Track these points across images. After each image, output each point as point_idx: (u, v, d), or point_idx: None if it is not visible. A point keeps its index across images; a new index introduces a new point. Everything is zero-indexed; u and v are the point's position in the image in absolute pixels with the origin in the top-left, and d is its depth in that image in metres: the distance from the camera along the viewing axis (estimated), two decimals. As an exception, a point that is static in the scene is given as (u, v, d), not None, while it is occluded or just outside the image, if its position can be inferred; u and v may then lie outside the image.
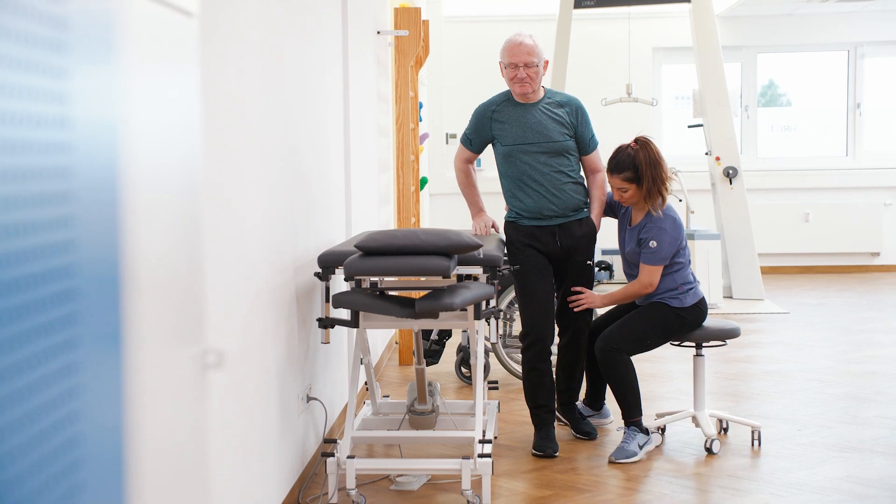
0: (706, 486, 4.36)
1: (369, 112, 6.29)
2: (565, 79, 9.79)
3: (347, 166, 5.44)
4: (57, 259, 1.25)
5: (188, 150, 1.74)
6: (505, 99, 4.88)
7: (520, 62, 4.72)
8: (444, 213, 11.02)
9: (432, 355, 6.18)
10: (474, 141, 4.96)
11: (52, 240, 1.25)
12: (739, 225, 9.33)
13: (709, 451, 4.73)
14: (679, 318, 4.79)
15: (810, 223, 11.23)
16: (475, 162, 5.11)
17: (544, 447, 4.76)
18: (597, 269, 10.17)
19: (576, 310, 4.88)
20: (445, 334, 6.25)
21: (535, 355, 4.83)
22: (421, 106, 8.23)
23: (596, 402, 5.21)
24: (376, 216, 6.54)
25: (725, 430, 5.10)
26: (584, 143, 4.89)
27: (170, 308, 1.67)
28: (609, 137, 5.56)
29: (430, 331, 6.17)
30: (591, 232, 4.92)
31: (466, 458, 3.98)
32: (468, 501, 4.00)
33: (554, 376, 4.96)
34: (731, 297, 9.34)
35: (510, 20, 11.23)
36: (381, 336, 6.84)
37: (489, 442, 4.07)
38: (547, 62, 4.83)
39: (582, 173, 4.96)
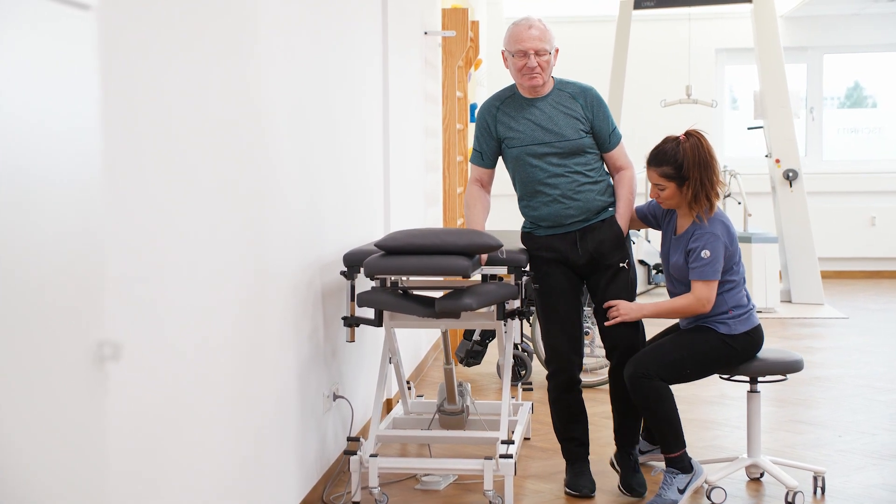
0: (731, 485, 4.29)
1: (414, 113, 6.30)
2: (624, 80, 9.74)
3: (387, 166, 5.45)
4: None
5: (82, 147, 1.75)
6: (509, 95, 4.25)
7: (530, 49, 4.09)
8: (501, 215, 10.94)
9: (475, 356, 6.15)
10: (484, 153, 4.29)
11: None
12: (799, 228, 9.18)
13: None
14: (727, 347, 4.09)
15: (876, 227, 11.01)
16: (491, 182, 4.37)
17: (579, 486, 4.24)
18: (654, 271, 10.08)
19: (606, 325, 4.20)
20: (488, 335, 6.19)
21: (559, 386, 4.29)
22: (475, 106, 8.22)
23: (653, 435, 4.45)
24: (422, 216, 6.54)
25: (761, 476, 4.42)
26: (603, 138, 4.22)
27: (46, 303, 1.68)
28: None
29: (473, 331, 6.15)
30: (618, 234, 4.23)
31: (489, 458, 3.97)
32: (490, 502, 3.99)
33: (586, 405, 4.38)
34: (789, 302, 9.19)
35: (569, 21, 11.17)
36: (427, 336, 6.85)
37: (512, 443, 4.06)
38: (558, 50, 4.20)
39: (607, 171, 4.32)
